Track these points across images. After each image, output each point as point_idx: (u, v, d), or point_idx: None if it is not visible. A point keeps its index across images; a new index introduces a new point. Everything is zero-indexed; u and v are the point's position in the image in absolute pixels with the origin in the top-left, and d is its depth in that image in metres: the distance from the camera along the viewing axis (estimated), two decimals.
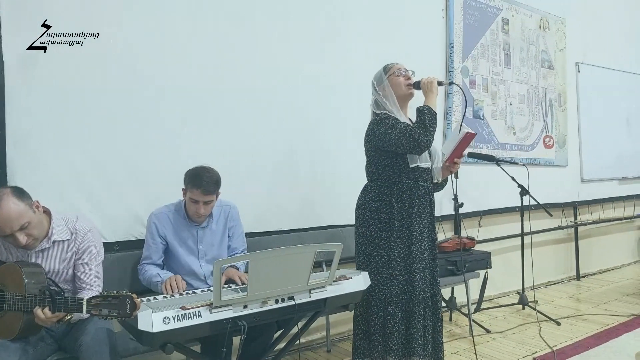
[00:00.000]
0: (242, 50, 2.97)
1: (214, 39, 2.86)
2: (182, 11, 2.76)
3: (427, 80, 2.42)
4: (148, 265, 2.38)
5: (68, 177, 2.44)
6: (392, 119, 2.39)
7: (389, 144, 2.36)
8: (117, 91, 2.55)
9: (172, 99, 2.72)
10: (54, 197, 2.30)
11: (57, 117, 2.41)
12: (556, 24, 4.99)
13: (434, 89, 2.41)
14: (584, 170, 5.23)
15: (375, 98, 2.51)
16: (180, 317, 1.71)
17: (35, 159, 2.35)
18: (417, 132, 2.29)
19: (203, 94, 2.82)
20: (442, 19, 4.05)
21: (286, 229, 3.14)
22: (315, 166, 3.29)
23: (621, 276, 5.24)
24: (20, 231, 1.86)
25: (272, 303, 1.92)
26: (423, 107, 2.38)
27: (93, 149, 2.50)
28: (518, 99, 4.61)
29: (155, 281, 2.29)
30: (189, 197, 2.33)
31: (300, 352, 3.16)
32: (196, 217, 2.39)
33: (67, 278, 2.05)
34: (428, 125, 2.32)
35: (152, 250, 2.39)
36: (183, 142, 2.75)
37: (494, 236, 4.41)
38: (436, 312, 2.51)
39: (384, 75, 2.47)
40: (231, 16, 2.93)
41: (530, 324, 3.65)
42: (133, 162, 2.61)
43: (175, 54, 2.73)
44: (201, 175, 2.29)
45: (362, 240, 2.49)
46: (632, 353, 3.00)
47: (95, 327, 1.95)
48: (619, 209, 5.74)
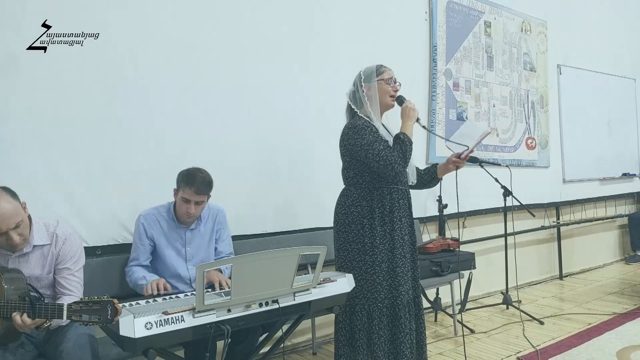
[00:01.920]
0: (223, 51, 2.96)
1: (195, 39, 2.85)
2: (167, 12, 2.74)
3: (411, 107, 2.43)
4: (135, 267, 2.38)
5: (48, 181, 2.40)
6: (371, 132, 2.36)
7: (365, 159, 2.35)
8: (99, 94, 2.53)
9: (154, 103, 2.70)
10: (34, 200, 2.24)
11: (38, 120, 2.37)
12: (538, 26, 5.05)
13: (413, 118, 2.42)
14: (565, 171, 5.30)
15: (354, 90, 2.48)
16: (162, 322, 1.69)
17: (14, 161, 2.32)
18: (397, 162, 2.30)
19: (186, 97, 2.81)
20: (426, 22, 4.07)
21: (266, 232, 3.13)
22: (296, 169, 3.27)
23: (603, 275, 5.31)
24: (15, 230, 1.86)
25: (256, 307, 1.91)
26: (404, 137, 2.36)
27: (74, 151, 2.47)
28: (501, 101, 4.66)
29: (141, 284, 2.29)
30: (180, 197, 2.35)
31: (286, 355, 3.15)
32: (186, 218, 2.40)
33: (48, 283, 2.02)
34: (407, 157, 2.35)
35: (140, 252, 2.40)
36: (166, 146, 2.73)
37: (478, 237, 4.45)
38: (419, 314, 2.52)
39: (375, 76, 2.43)
40: (214, 16, 2.92)
41: (514, 323, 3.68)
42: (115, 165, 2.58)
43: (157, 56, 2.71)
44: (195, 175, 2.34)
45: (344, 245, 2.46)
46: (613, 351, 3.04)
47: (76, 333, 1.92)
48: (601, 209, 5.84)
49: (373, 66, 2.46)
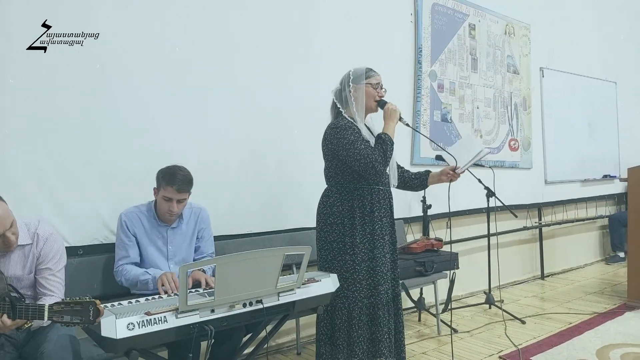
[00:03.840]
0: (212, 51, 2.95)
1: (181, 38, 2.84)
2: (152, 11, 2.73)
3: (392, 108, 2.45)
4: (129, 265, 2.33)
5: (29, 179, 2.37)
6: (353, 132, 2.38)
7: (346, 158, 2.37)
8: (80, 92, 2.50)
9: (140, 101, 2.68)
10: (15, 200, 2.21)
11: (18, 117, 2.34)
12: (521, 29, 5.11)
13: (395, 119, 2.45)
14: (547, 173, 5.37)
15: (340, 89, 2.49)
16: (145, 323, 1.68)
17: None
18: (378, 160, 2.33)
19: (170, 96, 2.79)
20: (411, 24, 4.10)
21: (252, 232, 3.12)
22: (282, 168, 3.27)
23: (584, 275, 5.39)
24: (10, 229, 1.87)
25: (240, 307, 1.90)
26: (386, 136, 2.39)
27: (57, 150, 2.44)
28: (484, 103, 4.71)
29: (144, 279, 2.25)
30: (161, 195, 2.33)
31: (271, 356, 3.15)
32: (167, 216, 2.38)
33: (28, 284, 2.00)
34: (387, 156, 2.37)
35: (129, 248, 2.35)
36: (148, 144, 2.71)
37: (462, 237, 4.49)
38: (397, 314, 2.54)
39: (364, 79, 2.45)
40: (200, 16, 2.91)
41: (497, 323, 3.73)
42: (98, 164, 2.55)
43: (146, 55, 2.70)
44: (175, 173, 2.31)
45: (325, 245, 2.48)
46: (593, 350, 3.09)
47: (57, 334, 1.90)
48: (582, 210, 5.93)
49: (363, 68, 2.48)
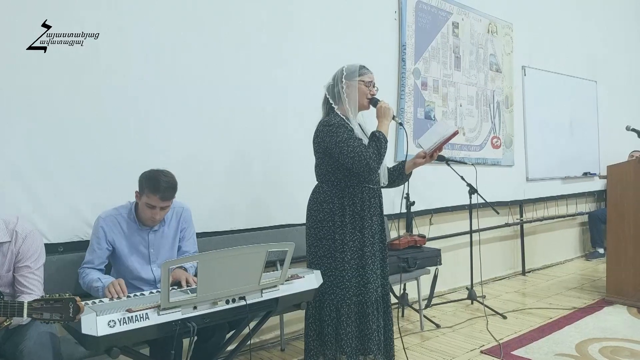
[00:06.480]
0: (200, 51, 2.93)
1: (174, 39, 2.82)
2: (140, 12, 2.70)
3: (385, 106, 2.45)
4: (89, 270, 2.27)
5: (7, 175, 2.33)
6: (346, 130, 2.38)
7: (339, 156, 2.37)
8: (60, 89, 2.47)
9: (118, 98, 2.65)
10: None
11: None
12: (504, 28, 5.17)
13: (389, 117, 2.45)
14: (529, 170, 5.43)
15: (332, 85, 2.49)
16: (126, 320, 1.67)
17: None
18: (372, 158, 2.33)
19: (152, 93, 2.76)
20: (395, 21, 4.11)
21: (237, 229, 3.11)
22: (267, 165, 3.27)
23: (564, 271, 5.48)
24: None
25: (223, 304, 1.90)
26: (380, 134, 2.39)
27: (35, 146, 2.40)
28: (467, 101, 4.75)
29: (96, 286, 2.18)
30: (144, 202, 2.24)
31: (254, 352, 3.14)
32: (150, 223, 2.32)
33: (7, 282, 1.96)
34: (381, 154, 2.38)
35: (96, 255, 2.28)
36: (131, 141, 2.68)
37: (444, 233, 4.53)
38: (387, 311, 2.56)
39: (357, 76, 2.45)
40: (185, 16, 2.89)
41: (478, 318, 3.77)
42: (77, 160, 2.52)
43: (135, 55, 2.67)
44: (159, 180, 2.21)
45: (315, 242, 2.49)
46: (572, 344, 3.15)
47: (37, 332, 1.87)
48: (562, 206, 6.02)
49: (357, 65, 2.48)
